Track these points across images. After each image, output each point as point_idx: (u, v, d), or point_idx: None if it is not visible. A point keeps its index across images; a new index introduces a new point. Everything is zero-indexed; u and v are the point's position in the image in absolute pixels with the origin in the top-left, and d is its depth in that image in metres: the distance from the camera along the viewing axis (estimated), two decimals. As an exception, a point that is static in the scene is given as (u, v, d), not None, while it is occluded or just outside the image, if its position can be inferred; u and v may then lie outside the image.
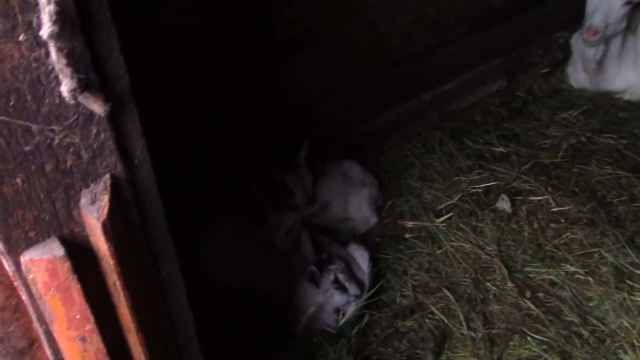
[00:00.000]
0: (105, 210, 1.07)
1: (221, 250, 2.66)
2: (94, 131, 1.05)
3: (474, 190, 3.23)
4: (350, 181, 3.08)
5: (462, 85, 3.97)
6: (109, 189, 1.09)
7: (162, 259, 1.28)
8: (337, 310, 2.62)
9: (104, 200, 1.07)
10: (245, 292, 2.57)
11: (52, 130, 1.00)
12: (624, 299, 2.61)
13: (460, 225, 3.04)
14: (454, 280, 2.80)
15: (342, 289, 2.57)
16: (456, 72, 3.94)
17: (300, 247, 2.66)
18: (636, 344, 2.44)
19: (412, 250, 2.95)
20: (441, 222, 3.06)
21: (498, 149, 3.56)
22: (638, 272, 2.72)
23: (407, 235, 3.03)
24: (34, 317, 1.15)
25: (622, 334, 2.49)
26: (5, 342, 1.18)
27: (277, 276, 2.61)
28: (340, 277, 2.57)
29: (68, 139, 1.02)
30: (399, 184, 3.34)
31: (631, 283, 2.67)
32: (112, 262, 1.11)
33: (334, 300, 2.59)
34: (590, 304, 2.64)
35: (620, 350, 2.44)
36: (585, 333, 2.50)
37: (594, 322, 2.56)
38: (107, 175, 1.10)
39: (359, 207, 3.07)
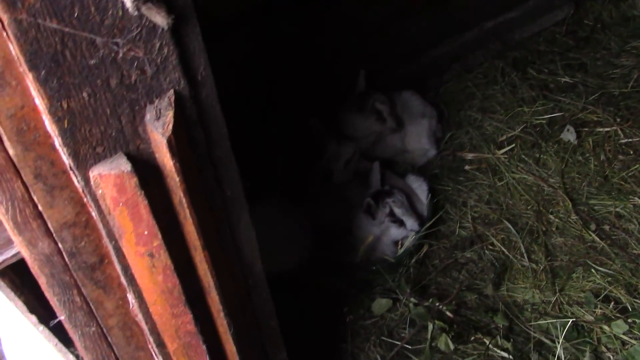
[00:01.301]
0: (170, 126, 1.06)
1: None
2: (157, 45, 1.03)
3: (538, 121, 3.13)
4: (409, 112, 3.02)
5: (527, 12, 3.78)
6: (173, 105, 1.08)
7: (226, 178, 1.28)
8: (395, 243, 2.62)
9: (169, 116, 1.07)
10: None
11: (116, 44, 0.99)
12: (696, 232, 2.51)
13: (523, 157, 2.96)
14: (515, 213, 2.74)
15: (399, 222, 2.55)
16: (520, -1, 3.75)
17: (369, 178, 2.63)
18: None
19: (471, 182, 2.90)
20: (502, 154, 2.98)
21: (563, 79, 3.41)
22: None
23: (466, 167, 2.97)
24: (103, 233, 1.18)
25: (692, 268, 2.41)
26: (77, 257, 1.22)
27: (336, 207, 2.61)
28: (397, 211, 2.55)
29: (132, 53, 1.01)
30: (458, 116, 3.26)
31: (703, 216, 2.57)
32: (177, 179, 1.12)
33: (390, 233, 2.58)
34: (659, 237, 2.55)
35: (689, 284, 2.36)
36: (653, 266, 2.43)
37: (662, 255, 2.48)
38: (171, 92, 1.09)
39: (418, 138, 3.01)
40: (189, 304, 1.28)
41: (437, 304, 2.33)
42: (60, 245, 1.19)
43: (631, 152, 2.90)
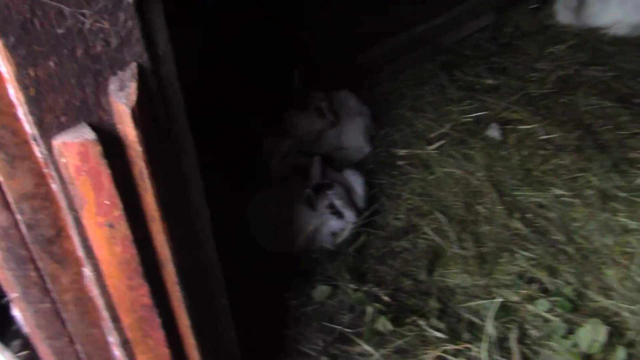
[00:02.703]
0: (134, 97, 1.11)
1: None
2: (122, 18, 1.08)
3: (465, 119, 3.31)
4: (346, 111, 3.13)
5: (453, 19, 3.99)
6: (136, 77, 1.13)
7: (183, 154, 1.33)
8: (334, 234, 2.70)
9: (132, 87, 1.11)
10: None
11: (83, 14, 1.03)
12: (608, 219, 2.72)
13: (452, 152, 3.12)
14: (446, 204, 2.89)
15: (338, 214, 2.64)
16: (447, 6, 3.95)
17: (310, 171, 2.71)
18: (618, 259, 2.56)
19: (405, 176, 3.03)
20: (433, 150, 3.14)
21: (488, 81, 3.63)
22: (621, 194, 2.82)
23: (399, 162, 3.10)
24: (63, 204, 1.20)
25: (605, 251, 2.60)
26: (36, 229, 1.23)
27: (277, 200, 2.68)
28: (337, 203, 2.64)
29: (98, 24, 1.06)
30: (391, 115, 3.40)
31: (615, 205, 2.78)
32: (139, 149, 1.16)
33: (330, 225, 2.66)
34: (576, 224, 2.74)
35: (603, 266, 2.55)
36: (571, 250, 2.61)
37: (579, 240, 2.66)
38: (134, 64, 1.13)
39: (354, 136, 3.13)
40: (146, 276, 1.32)
41: (374, 289, 2.43)
42: (19, 216, 1.20)
43: (550, 148, 3.11)
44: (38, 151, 1.14)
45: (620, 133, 3.16)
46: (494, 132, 3.20)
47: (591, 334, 2.26)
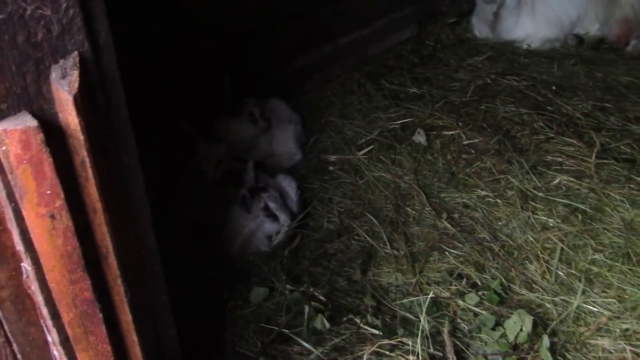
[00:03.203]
0: (76, 85, 1.11)
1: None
2: (64, 5, 1.08)
3: (392, 126, 3.43)
4: (276, 118, 3.18)
5: (377, 31, 4.13)
6: (78, 65, 1.13)
7: (124, 145, 1.33)
8: (269, 237, 2.72)
9: (74, 75, 1.12)
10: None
11: (25, 0, 1.03)
12: (529, 217, 2.87)
13: (380, 157, 3.23)
14: (377, 206, 2.97)
15: (273, 217, 2.67)
16: (371, 18, 4.09)
17: (243, 176, 2.72)
18: (540, 255, 2.70)
19: (336, 181, 3.11)
20: (362, 155, 3.23)
21: (412, 90, 3.77)
22: (540, 194, 2.99)
23: (330, 168, 3.18)
24: (2, 195, 1.17)
25: (528, 248, 2.75)
26: (-30, 223, 1.20)
27: (209, 204, 2.68)
28: (271, 205, 2.67)
29: (39, 11, 1.06)
30: (320, 122, 3.48)
31: (534, 204, 2.94)
32: (81, 138, 1.16)
33: (265, 228, 2.68)
34: (500, 223, 2.88)
35: (526, 261, 2.69)
36: (496, 247, 2.74)
37: (503, 238, 2.80)
38: (76, 52, 1.14)
39: (285, 143, 3.18)
40: (88, 269, 1.30)
41: (310, 289, 2.47)
42: (-47, 209, 1.17)
43: (472, 152, 3.27)
44: (-24, 140, 1.11)
45: (536, 137, 3.35)
46: (420, 137, 3.33)
47: (517, 325, 2.37)
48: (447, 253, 2.73)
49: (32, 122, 1.09)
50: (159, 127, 2.87)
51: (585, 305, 2.44)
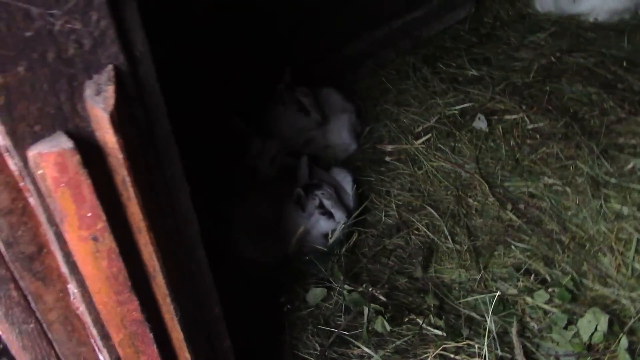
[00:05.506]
0: (112, 101, 1.04)
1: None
2: (95, 17, 1.01)
3: (450, 112, 3.27)
4: (330, 108, 3.07)
5: (431, 11, 3.96)
6: (113, 80, 1.06)
7: (166, 158, 1.26)
8: (325, 235, 2.64)
9: (110, 90, 1.05)
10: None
11: (52, 15, 0.97)
12: (601, 206, 2.69)
13: (439, 145, 3.08)
14: (437, 198, 2.85)
15: (328, 214, 2.59)
16: (426, -1, 3.92)
17: (297, 172, 2.65)
18: (614, 246, 2.53)
19: (393, 172, 2.99)
20: (420, 144, 3.10)
21: (471, 72, 3.59)
22: (612, 180, 2.80)
23: (387, 158, 3.06)
24: (43, 219, 1.13)
25: (600, 239, 2.58)
26: (14, 247, 1.16)
27: (265, 203, 2.62)
28: (326, 203, 2.58)
29: (69, 25, 0.99)
30: (375, 110, 3.36)
31: (606, 191, 2.76)
32: (120, 157, 1.09)
33: (320, 226, 2.60)
34: (569, 213, 2.71)
35: (599, 254, 2.53)
36: (566, 239, 2.58)
37: (574, 229, 2.64)
38: (110, 67, 1.07)
39: (339, 133, 3.08)
40: (135, 289, 1.25)
41: (370, 289, 2.38)
42: (-5, 234, 1.13)
43: (537, 137, 3.09)
44: (12, 163, 1.07)
45: (607, 119, 3.14)
46: (480, 123, 3.17)
47: (592, 324, 2.23)
48: (513, 247, 2.59)
49: (68, 144, 1.03)
50: (209, 126, 2.82)
51: (667, 302, 2.27)
